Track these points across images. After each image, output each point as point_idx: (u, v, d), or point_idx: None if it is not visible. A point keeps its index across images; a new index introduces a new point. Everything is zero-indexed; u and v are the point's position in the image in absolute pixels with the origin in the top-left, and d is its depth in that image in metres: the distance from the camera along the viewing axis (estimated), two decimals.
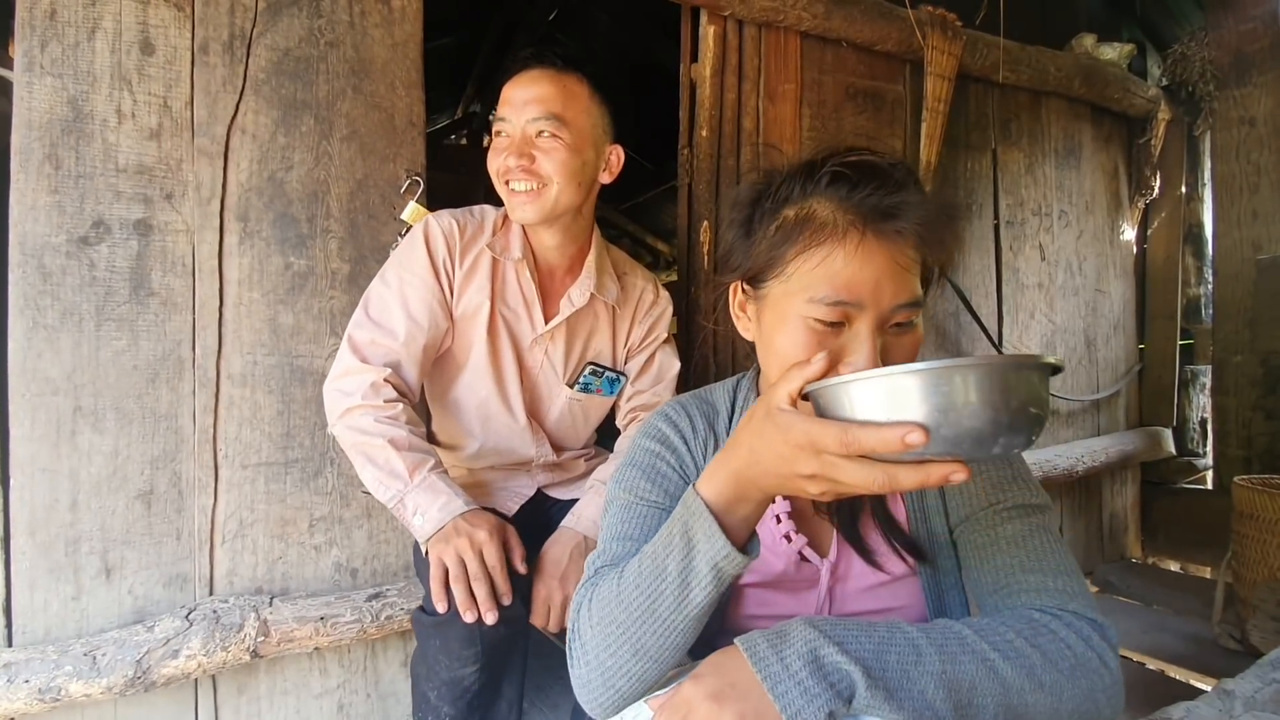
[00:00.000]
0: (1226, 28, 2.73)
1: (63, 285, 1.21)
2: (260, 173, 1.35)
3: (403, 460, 1.13)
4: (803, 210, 0.73)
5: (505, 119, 1.23)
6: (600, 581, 0.74)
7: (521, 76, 1.23)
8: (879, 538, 0.81)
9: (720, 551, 0.63)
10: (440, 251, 1.25)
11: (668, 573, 0.66)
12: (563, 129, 1.21)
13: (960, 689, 0.62)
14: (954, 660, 0.63)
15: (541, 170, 1.22)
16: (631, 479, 0.84)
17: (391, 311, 1.22)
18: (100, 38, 1.24)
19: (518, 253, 1.30)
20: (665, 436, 0.85)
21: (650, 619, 0.67)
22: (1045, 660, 0.65)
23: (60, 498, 1.21)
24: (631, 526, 0.80)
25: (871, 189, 0.70)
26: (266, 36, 1.35)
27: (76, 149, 1.22)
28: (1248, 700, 0.96)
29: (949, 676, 0.62)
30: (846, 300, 0.69)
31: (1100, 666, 0.66)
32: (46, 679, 1.13)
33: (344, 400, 1.17)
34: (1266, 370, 2.52)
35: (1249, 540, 2.01)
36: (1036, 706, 0.64)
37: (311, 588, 1.39)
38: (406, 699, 1.48)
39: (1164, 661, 1.97)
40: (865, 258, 0.69)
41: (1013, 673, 0.63)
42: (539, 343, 1.34)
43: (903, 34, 2.06)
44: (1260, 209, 2.65)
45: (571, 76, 1.24)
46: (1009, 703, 0.63)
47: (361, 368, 1.18)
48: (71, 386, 1.21)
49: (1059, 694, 0.64)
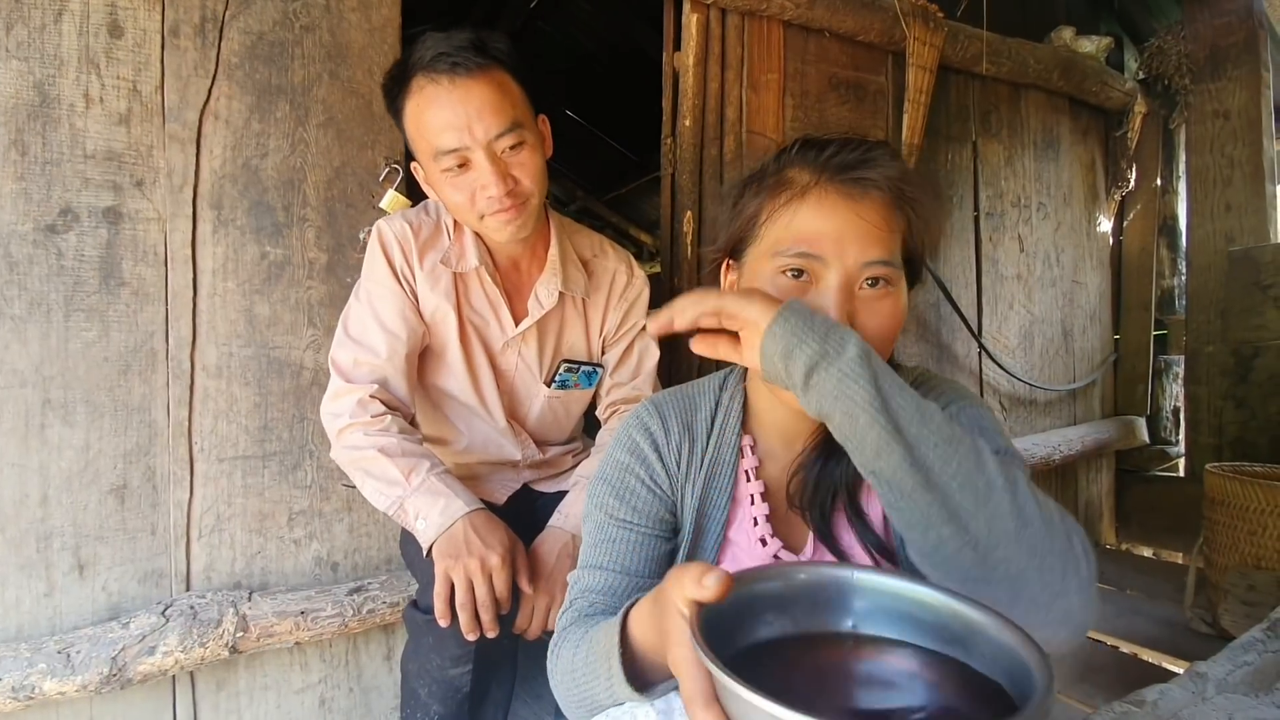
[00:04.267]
0: (1202, 22, 2.77)
1: (30, 275, 1.18)
2: (234, 160, 1.32)
3: (396, 466, 1.10)
4: (777, 176, 0.76)
5: (457, 147, 1.08)
6: (566, 637, 0.75)
7: (449, 89, 1.07)
8: (851, 537, 0.80)
9: (626, 694, 0.63)
10: (397, 258, 1.19)
11: (598, 678, 0.66)
12: (524, 133, 1.12)
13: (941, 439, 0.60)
14: (950, 427, 0.61)
15: (523, 187, 1.14)
16: (602, 495, 0.84)
17: (368, 328, 1.18)
18: (67, 20, 1.20)
19: (474, 260, 1.23)
20: (636, 445, 0.84)
21: (596, 701, 0.68)
22: (1029, 499, 0.62)
23: (30, 493, 1.18)
24: (602, 552, 0.81)
25: (838, 148, 0.73)
26: (239, 19, 1.32)
27: (43, 134, 1.19)
28: (1220, 682, 0.98)
29: (934, 419, 0.61)
30: (807, 251, 0.70)
31: (1082, 556, 0.62)
32: (20, 677, 1.10)
33: (335, 422, 1.15)
34: (1237, 360, 2.57)
35: (1220, 526, 2.05)
36: (1001, 519, 0.60)
37: (291, 582, 1.37)
38: (389, 693, 1.47)
39: (1137, 645, 2.01)
40: (826, 211, 0.71)
41: (996, 471, 0.61)
42: (510, 345, 1.30)
43: (885, 24, 2.06)
44: (1233, 201, 2.69)
45: (496, 69, 1.11)
46: (975, 482, 0.60)
47: (349, 388, 1.15)
48: (40, 379, 1.18)
49: (1027, 521, 0.60)
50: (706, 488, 0.82)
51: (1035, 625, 0.59)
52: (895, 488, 0.60)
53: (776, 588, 0.60)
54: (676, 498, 0.83)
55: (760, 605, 0.58)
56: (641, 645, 0.64)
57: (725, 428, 0.84)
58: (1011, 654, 0.53)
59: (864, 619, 0.60)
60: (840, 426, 0.61)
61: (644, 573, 0.81)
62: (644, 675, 0.64)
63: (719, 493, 0.82)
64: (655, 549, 0.82)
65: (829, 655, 0.59)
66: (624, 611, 0.65)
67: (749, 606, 0.54)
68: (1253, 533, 1.96)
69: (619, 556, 0.80)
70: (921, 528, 0.62)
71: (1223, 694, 0.95)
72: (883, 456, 0.59)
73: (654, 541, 0.82)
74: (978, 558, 0.60)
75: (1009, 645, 0.53)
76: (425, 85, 1.08)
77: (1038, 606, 0.60)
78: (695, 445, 0.84)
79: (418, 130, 1.12)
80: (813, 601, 0.60)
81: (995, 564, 0.60)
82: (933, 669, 0.57)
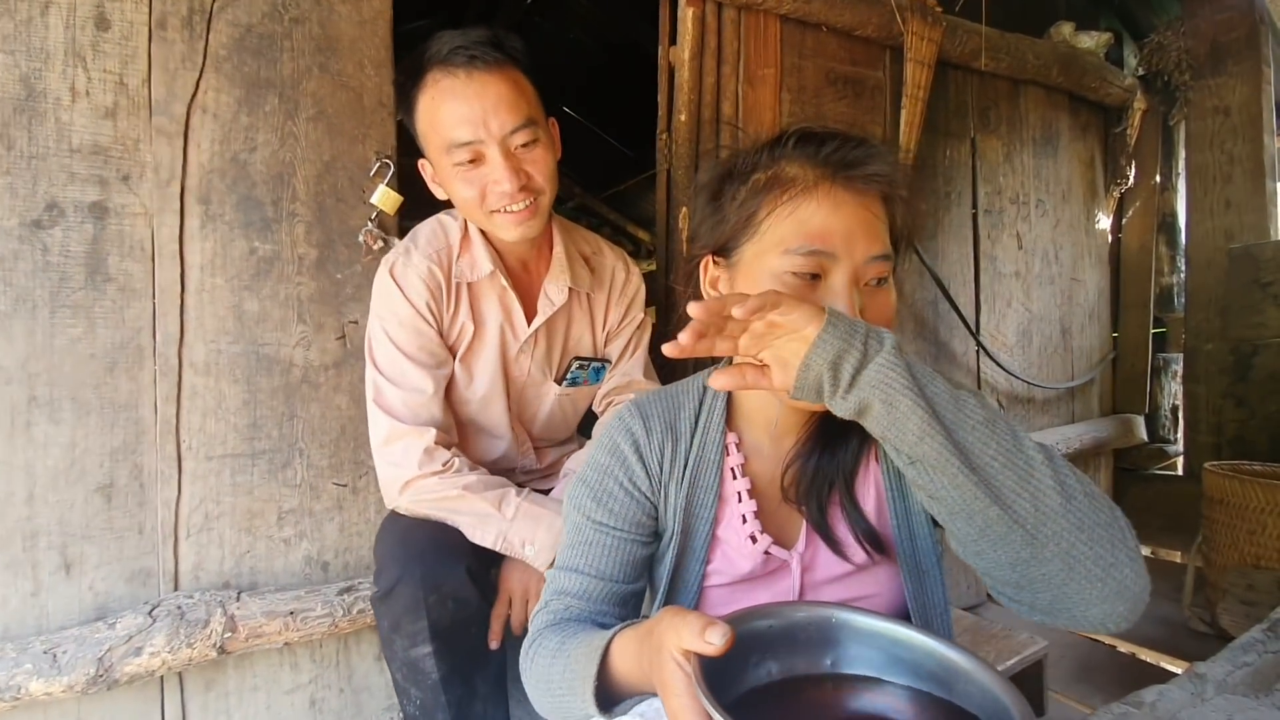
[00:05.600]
0: (1202, 17, 2.76)
1: (14, 270, 1.16)
2: (222, 154, 1.31)
3: (486, 501, 1.13)
4: (772, 171, 0.75)
5: (471, 140, 1.10)
6: (542, 642, 0.76)
7: (465, 83, 1.08)
8: (846, 528, 0.80)
9: (598, 715, 0.65)
10: (423, 300, 1.20)
11: (574, 694, 0.68)
12: (538, 130, 1.14)
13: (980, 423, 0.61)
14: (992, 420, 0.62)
15: (536, 183, 1.15)
16: (581, 497, 0.83)
17: (406, 370, 1.18)
18: (54, 12, 1.18)
19: (487, 265, 1.24)
20: (616, 447, 0.83)
21: (570, 712, 0.70)
22: (1069, 474, 0.62)
23: (16, 491, 1.17)
24: (578, 555, 0.81)
25: (838, 145, 0.74)
26: (227, 12, 1.30)
27: (29, 129, 1.17)
28: (1219, 683, 0.97)
29: (971, 407, 0.62)
30: (821, 249, 0.70)
31: (1126, 527, 0.63)
32: (5, 677, 1.09)
33: (399, 473, 1.15)
34: (1236, 358, 2.56)
35: (1219, 525, 2.04)
36: (1047, 493, 0.60)
37: (281, 582, 1.36)
38: (380, 693, 1.46)
39: (1135, 645, 2.00)
40: (835, 206, 0.71)
41: (1034, 449, 0.62)
42: (524, 349, 1.31)
43: (883, 19, 2.04)
44: (1233, 198, 2.68)
45: (512, 66, 1.13)
46: (1015, 459, 0.61)
47: (404, 430, 1.15)
48: (25, 375, 1.17)
49: (1070, 495, 0.61)
50: (692, 487, 0.81)
51: (1092, 601, 0.61)
52: (939, 471, 0.61)
53: (762, 628, 0.61)
54: (658, 500, 0.82)
55: (746, 646, 0.58)
56: (622, 676, 0.65)
57: (709, 425, 0.83)
58: (990, 693, 0.55)
59: (846, 659, 0.63)
60: (879, 416, 0.61)
61: (619, 577, 0.81)
62: (615, 698, 0.67)
63: (705, 491, 0.81)
64: (632, 553, 0.81)
65: (819, 697, 0.61)
66: (606, 641, 0.66)
67: (736, 648, 0.55)
68: (1252, 532, 1.95)
69: (594, 560, 0.80)
70: (966, 514, 0.62)
71: (1222, 695, 0.94)
72: (925, 441, 0.59)
73: (631, 546, 0.81)
74: (1027, 536, 0.60)
75: (987, 685, 0.55)
76: (441, 78, 1.09)
77: (1092, 580, 0.60)
78: (679, 444, 0.83)
79: (431, 124, 1.12)
80: (794, 641, 0.62)
81: (1044, 541, 0.60)
82: (919, 707, 0.59)
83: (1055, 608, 0.63)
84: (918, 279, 2.25)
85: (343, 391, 1.40)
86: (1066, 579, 0.60)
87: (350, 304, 1.41)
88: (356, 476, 1.42)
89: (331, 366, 1.40)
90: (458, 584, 1.09)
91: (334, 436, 1.40)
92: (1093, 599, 0.60)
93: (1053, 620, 0.64)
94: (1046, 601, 0.63)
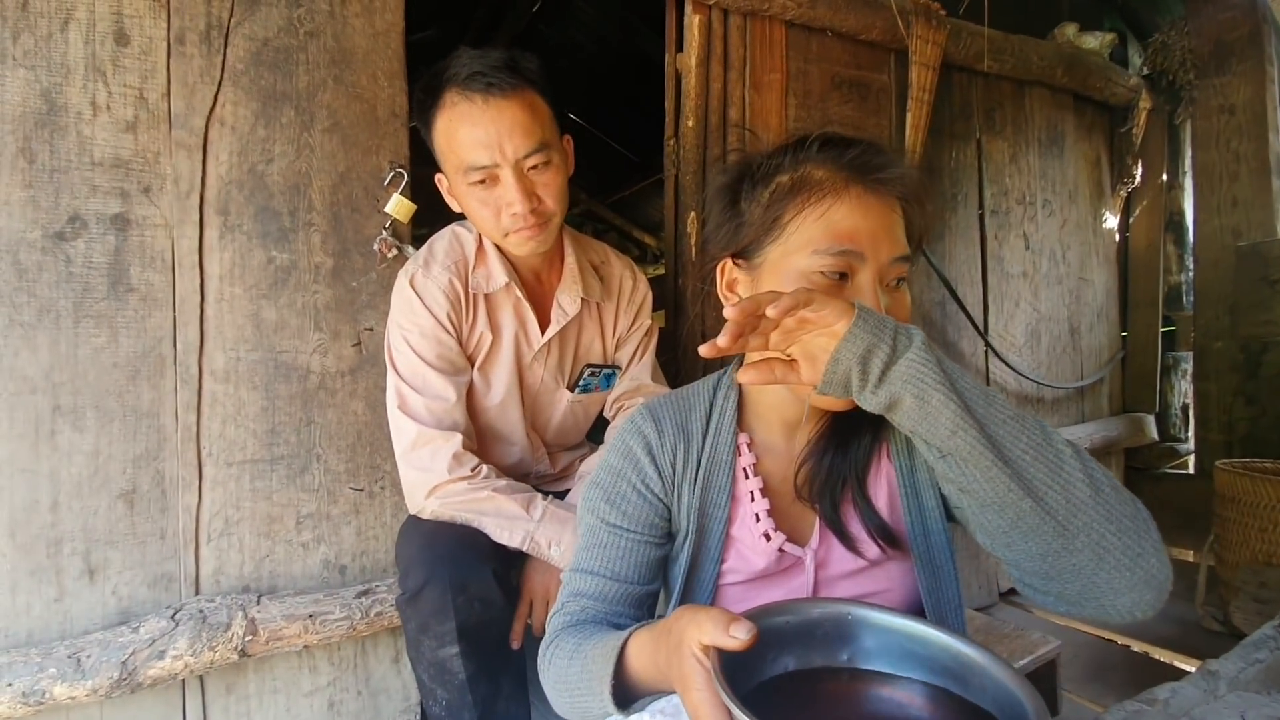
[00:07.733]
0: (1206, 16, 2.76)
1: (39, 281, 1.18)
2: (240, 165, 1.33)
3: (515, 503, 1.16)
4: (797, 174, 0.76)
5: (488, 164, 1.12)
6: (559, 643, 0.77)
7: (483, 108, 1.10)
8: (859, 524, 0.81)
9: (615, 713, 0.67)
10: (444, 311, 1.22)
11: (592, 694, 0.69)
12: (551, 153, 1.16)
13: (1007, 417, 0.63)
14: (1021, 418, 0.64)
15: (546, 207, 1.18)
16: (595, 499, 0.85)
17: (429, 378, 1.21)
18: (74, 29, 1.21)
19: (503, 277, 1.26)
20: (629, 450, 0.85)
21: (589, 712, 0.71)
22: (1095, 467, 0.64)
23: (40, 498, 1.19)
24: (593, 557, 0.82)
25: (861, 150, 0.76)
26: (244, 26, 1.33)
27: (51, 142, 1.20)
28: (1232, 680, 0.97)
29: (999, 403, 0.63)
30: (850, 249, 0.72)
31: (1148, 517, 0.64)
32: (30, 682, 1.11)
33: (426, 477, 1.17)
34: (1246, 355, 2.56)
35: (1231, 523, 2.04)
36: (1075, 481, 0.62)
37: (300, 585, 1.38)
38: (398, 695, 1.47)
39: (1148, 644, 2.00)
40: (864, 209, 0.73)
41: (1062, 442, 0.64)
42: (538, 358, 1.34)
43: (888, 23, 2.05)
44: (1240, 196, 2.68)
45: (528, 89, 1.14)
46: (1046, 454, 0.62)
47: (430, 434, 1.17)
48: (50, 385, 1.19)
49: (1099, 487, 0.62)
50: (705, 488, 0.82)
51: (1121, 590, 0.62)
52: (973, 465, 0.62)
53: (780, 624, 0.62)
54: (671, 501, 0.84)
55: (764, 642, 0.59)
56: (638, 675, 0.66)
57: (721, 426, 0.84)
58: (1004, 688, 0.55)
59: (862, 654, 0.64)
60: (909, 410, 0.62)
61: (634, 579, 0.82)
62: (632, 696, 0.68)
63: (718, 491, 0.83)
64: (646, 555, 0.83)
65: (834, 690, 0.62)
66: (623, 641, 0.67)
67: (754, 644, 0.56)
68: (1264, 529, 1.94)
69: (609, 561, 0.82)
70: (999, 506, 0.63)
71: (1235, 692, 0.94)
72: (959, 435, 0.61)
73: (645, 547, 0.82)
74: (1058, 527, 0.62)
75: (1002, 681, 0.56)
76: (459, 101, 1.12)
77: (1121, 570, 0.62)
78: (691, 446, 0.84)
79: (448, 144, 1.15)
80: (811, 637, 0.63)
81: (1075, 532, 0.62)
82: (934, 702, 0.60)
83: (1084, 597, 0.64)
84: (925, 280, 2.26)
85: (359, 397, 1.42)
86: (1096, 568, 0.62)
87: (366, 311, 1.43)
88: (373, 481, 1.44)
89: (348, 373, 1.42)
90: (484, 585, 1.10)
91: (350, 442, 1.42)
92: (1121, 588, 0.62)
93: (1079, 611, 0.65)
94: (1075, 592, 0.64)
